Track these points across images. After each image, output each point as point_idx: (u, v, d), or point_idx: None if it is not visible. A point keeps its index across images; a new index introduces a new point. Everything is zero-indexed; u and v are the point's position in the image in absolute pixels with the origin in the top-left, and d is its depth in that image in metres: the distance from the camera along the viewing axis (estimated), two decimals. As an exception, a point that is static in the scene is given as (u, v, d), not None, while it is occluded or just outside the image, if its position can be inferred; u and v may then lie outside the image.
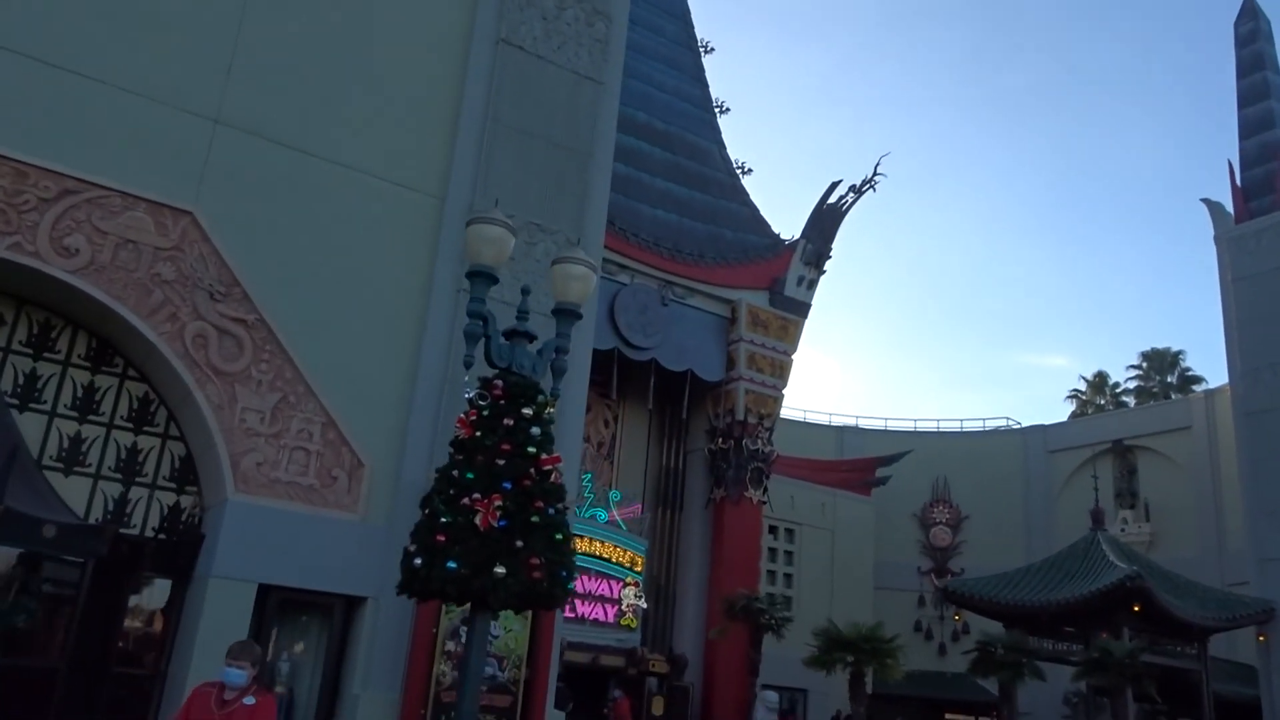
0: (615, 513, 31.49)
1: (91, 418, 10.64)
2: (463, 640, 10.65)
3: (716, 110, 35.82)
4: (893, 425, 45.16)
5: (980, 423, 44.60)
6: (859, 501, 38.31)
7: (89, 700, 9.97)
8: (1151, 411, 39.92)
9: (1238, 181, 33.52)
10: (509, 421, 7.13)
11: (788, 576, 35.66)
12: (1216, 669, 23.87)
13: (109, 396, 10.79)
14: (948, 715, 38.03)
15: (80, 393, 10.62)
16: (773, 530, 35.85)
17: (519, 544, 6.65)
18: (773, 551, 35.88)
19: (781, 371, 32.72)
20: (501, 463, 6.92)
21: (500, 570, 6.54)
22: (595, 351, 30.52)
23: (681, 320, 31.71)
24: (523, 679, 10.79)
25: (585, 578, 30.32)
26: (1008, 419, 44.79)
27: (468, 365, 7.51)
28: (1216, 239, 32.32)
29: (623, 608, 31.12)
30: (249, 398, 10.45)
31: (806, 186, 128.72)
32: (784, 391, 32.77)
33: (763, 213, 34.56)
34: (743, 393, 31.74)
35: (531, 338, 7.68)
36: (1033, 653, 20.09)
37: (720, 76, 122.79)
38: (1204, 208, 33.30)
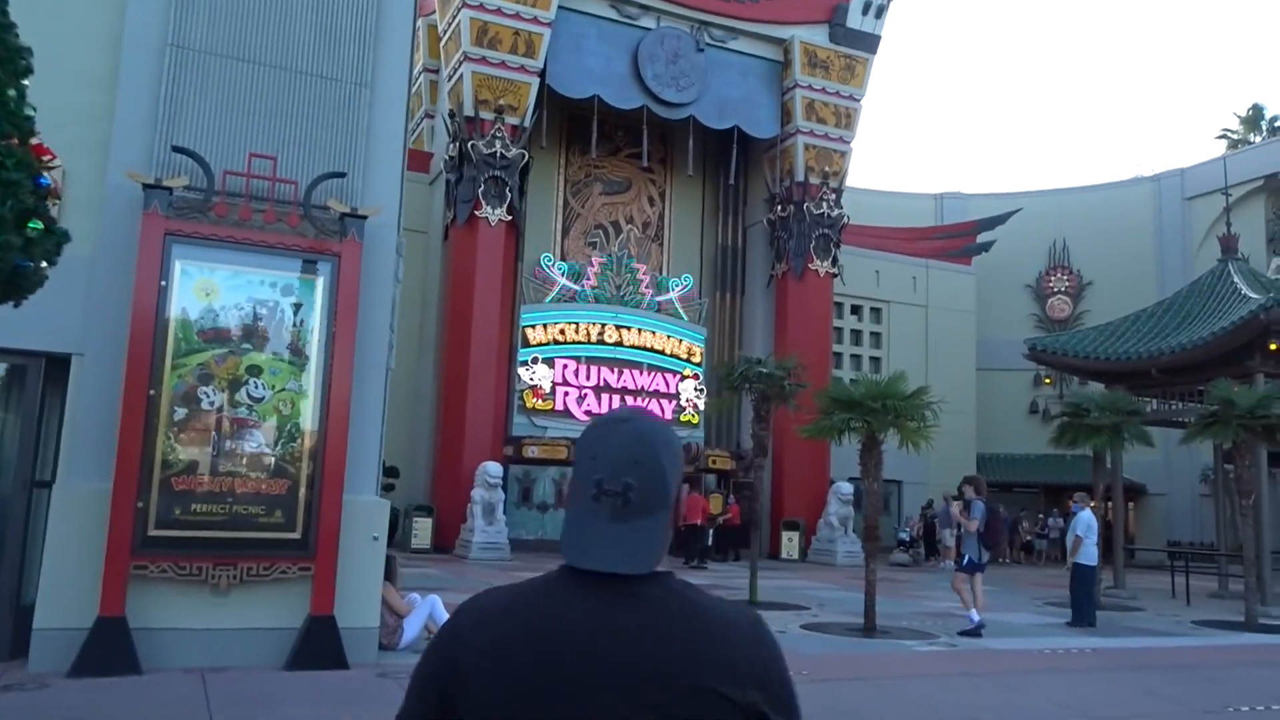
0: (674, 299, 28.13)
1: None
2: (206, 405, 7.50)
3: None
4: (1001, 189, 39.54)
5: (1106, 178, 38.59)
6: (957, 272, 33.62)
7: None
8: (1317, 136, 33.11)
9: None
10: None
11: (875, 360, 31.75)
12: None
13: None
14: (1071, 502, 34.19)
15: None
16: (855, 311, 31.85)
17: None
18: (856, 334, 32.00)
19: (849, 120, 27.84)
20: None
21: None
22: (620, 113, 26.66)
23: (723, 68, 27.01)
24: (306, 455, 7.62)
25: (636, 372, 27.39)
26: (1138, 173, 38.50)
27: None
28: None
29: (681, 403, 28.17)
30: None
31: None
32: (852, 144, 28.00)
33: (816, -72, 28.70)
34: (801, 148, 27.16)
35: None
36: (1134, 413, 15.90)
37: None
38: None
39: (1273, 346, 16.38)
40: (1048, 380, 34.24)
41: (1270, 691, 8.97)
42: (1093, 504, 18.01)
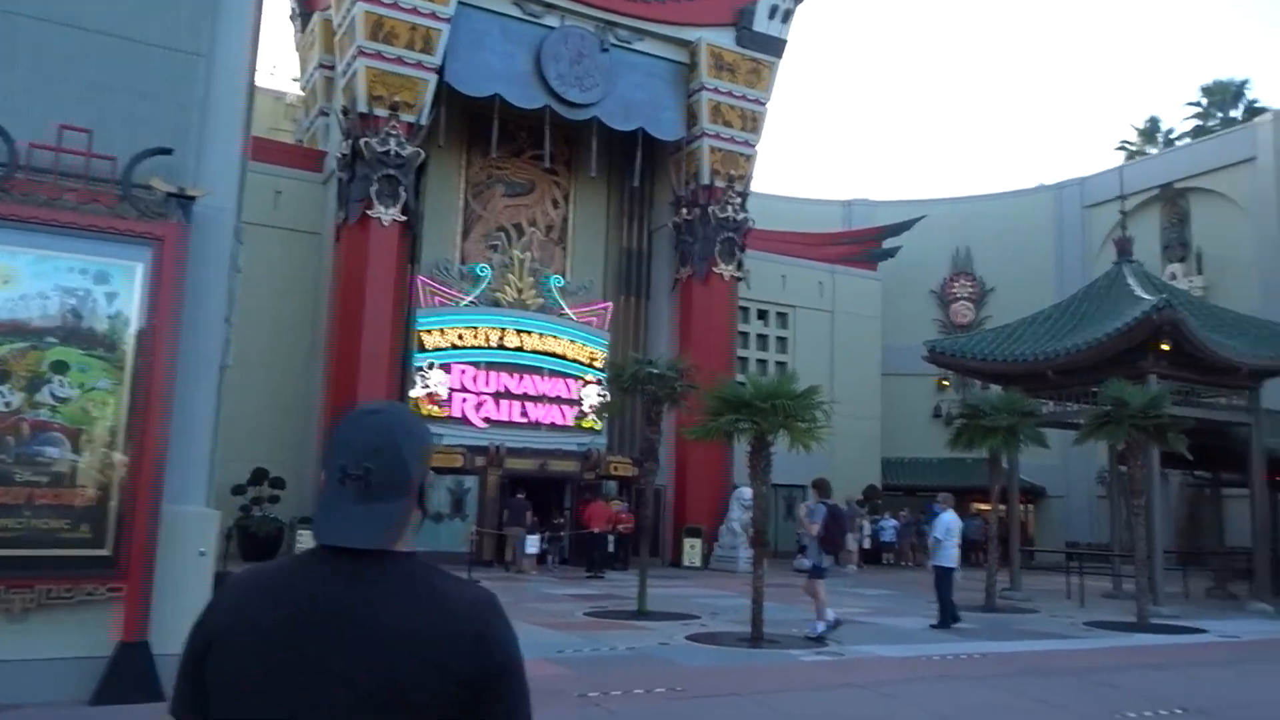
0: (566, 306, 27.40)
1: None
2: (1, 406, 6.65)
3: None
4: (908, 197, 39.97)
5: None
6: (863, 278, 33.74)
7: None
8: (1207, 146, 33.97)
9: None
10: None
11: (781, 365, 31.55)
12: (1273, 422, 19.43)
13: None
14: (974, 505, 34.53)
15: None
16: (762, 315, 31.71)
17: None
18: (762, 339, 31.84)
19: (754, 124, 27.64)
20: None
21: None
22: (522, 113, 26.01)
23: (628, 69, 26.56)
24: (118, 462, 6.83)
25: (537, 378, 26.66)
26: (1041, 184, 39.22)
27: None
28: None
29: (583, 408, 27.52)
30: None
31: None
32: (758, 148, 27.82)
33: (720, -71, 28.46)
34: (707, 151, 26.85)
35: None
36: (1029, 414, 15.83)
37: None
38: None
39: (1165, 347, 16.50)
40: (944, 383, 34.69)
41: (1161, 696, 8.74)
42: (988, 507, 17.98)
